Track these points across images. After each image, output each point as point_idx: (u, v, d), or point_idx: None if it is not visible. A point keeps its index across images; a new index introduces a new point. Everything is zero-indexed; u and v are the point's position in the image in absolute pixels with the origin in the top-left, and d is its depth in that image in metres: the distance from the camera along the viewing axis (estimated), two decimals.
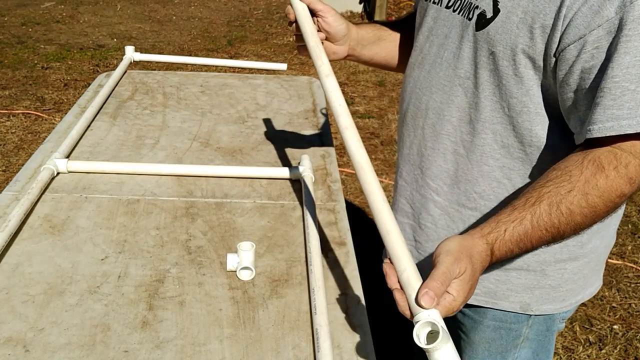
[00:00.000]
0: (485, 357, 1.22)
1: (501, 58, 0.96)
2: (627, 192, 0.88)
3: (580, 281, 1.15)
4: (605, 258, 1.20)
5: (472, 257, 0.83)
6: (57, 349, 1.00)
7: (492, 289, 1.14)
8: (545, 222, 0.87)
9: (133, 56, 2.23)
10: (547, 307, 1.14)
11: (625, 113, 0.84)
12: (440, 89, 1.09)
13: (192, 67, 4.62)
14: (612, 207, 0.89)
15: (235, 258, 1.19)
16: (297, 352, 1.01)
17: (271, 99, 2.04)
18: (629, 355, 2.29)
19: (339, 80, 4.83)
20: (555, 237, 0.89)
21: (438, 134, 1.10)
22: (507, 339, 1.18)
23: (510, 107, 1.00)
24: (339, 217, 1.41)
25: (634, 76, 0.83)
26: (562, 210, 0.87)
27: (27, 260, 1.21)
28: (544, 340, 1.20)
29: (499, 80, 0.99)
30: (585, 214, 0.87)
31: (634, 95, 0.83)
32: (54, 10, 6.62)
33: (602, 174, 0.86)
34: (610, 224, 1.14)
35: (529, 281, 1.11)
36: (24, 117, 4.06)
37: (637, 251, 2.89)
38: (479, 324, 1.19)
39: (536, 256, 1.09)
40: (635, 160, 0.86)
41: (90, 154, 1.62)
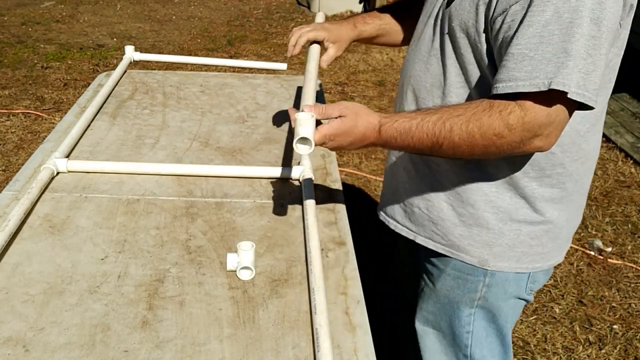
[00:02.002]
0: (445, 303, 1.36)
1: (458, 31, 1.14)
2: (505, 135, 1.03)
3: (538, 247, 1.26)
4: (567, 235, 1.32)
5: (359, 115, 1.09)
6: (57, 348, 1.00)
7: (455, 242, 1.29)
8: (429, 127, 1.07)
9: (133, 56, 2.23)
10: (502, 264, 1.27)
11: (522, 75, 1.00)
12: (421, 60, 1.26)
13: (192, 67, 4.61)
14: (490, 144, 1.05)
15: (235, 258, 1.19)
16: (297, 352, 1.01)
17: (271, 98, 2.03)
18: (629, 355, 2.29)
19: (340, 79, 4.83)
20: (434, 145, 1.08)
21: (417, 98, 1.28)
22: (464, 290, 1.32)
23: (468, 73, 1.16)
24: (339, 217, 1.41)
25: (534, 45, 0.99)
26: (446, 125, 1.06)
27: (27, 260, 1.21)
28: (501, 305, 1.32)
29: (458, 50, 1.16)
30: (462, 137, 1.05)
31: (531, 62, 0.99)
32: (53, 10, 6.62)
33: (488, 113, 1.04)
34: (569, 199, 1.25)
35: (488, 238, 1.25)
36: (23, 116, 4.05)
37: (637, 251, 2.90)
38: (442, 272, 1.33)
39: (495, 215, 1.23)
40: (520, 112, 1.02)
41: (90, 153, 1.62)
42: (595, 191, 3.40)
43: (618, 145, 3.88)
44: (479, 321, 1.35)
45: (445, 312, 1.37)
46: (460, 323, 1.36)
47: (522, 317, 2.44)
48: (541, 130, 1.03)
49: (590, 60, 0.98)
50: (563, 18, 0.97)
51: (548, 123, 1.02)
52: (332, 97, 4.52)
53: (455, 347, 1.39)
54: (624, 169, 3.66)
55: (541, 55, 0.99)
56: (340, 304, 1.13)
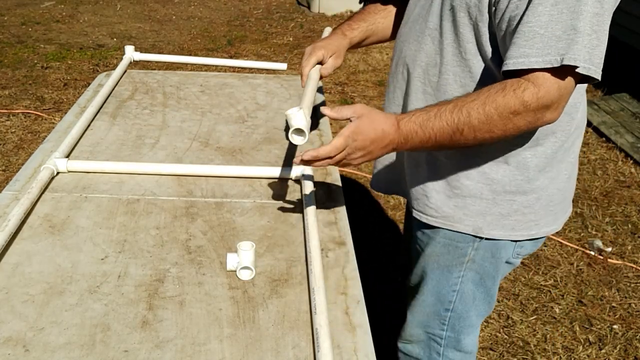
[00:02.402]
0: (434, 268, 1.42)
1: (459, 10, 1.17)
2: (521, 112, 1.07)
3: (531, 215, 1.32)
4: (560, 201, 1.37)
5: (373, 112, 1.13)
6: (57, 348, 1.00)
7: (450, 213, 1.33)
8: (447, 116, 1.11)
9: (133, 56, 2.23)
10: (496, 232, 1.32)
11: (534, 52, 1.04)
12: (415, 39, 1.29)
13: (192, 67, 4.61)
14: (508, 122, 1.09)
15: (235, 258, 1.19)
16: (297, 352, 1.01)
17: (271, 98, 2.03)
18: (629, 355, 2.29)
19: (340, 79, 4.83)
20: (455, 132, 1.11)
21: (411, 76, 1.31)
22: (453, 255, 1.38)
23: (467, 52, 1.20)
24: (339, 217, 1.41)
25: (544, 23, 1.03)
26: (463, 111, 1.10)
27: (27, 259, 1.21)
28: (489, 267, 1.38)
29: (457, 29, 1.19)
30: (481, 120, 1.09)
31: (542, 39, 1.04)
32: (53, 10, 6.62)
33: (502, 93, 1.08)
34: (559, 168, 1.30)
35: (481, 208, 1.30)
36: (23, 116, 4.05)
37: (637, 251, 2.90)
38: (432, 240, 1.39)
39: (488, 186, 1.28)
40: (534, 88, 1.06)
41: (90, 153, 1.62)
42: (595, 191, 3.40)
43: (618, 145, 3.88)
44: (468, 284, 1.41)
45: (435, 275, 1.43)
46: (447, 283, 1.42)
47: (522, 317, 2.44)
48: (552, 103, 1.08)
49: (595, 36, 1.03)
50: None
51: (559, 96, 1.08)
52: (332, 97, 4.52)
53: (437, 304, 1.46)
54: (624, 169, 3.66)
55: (551, 33, 1.03)
56: (340, 304, 1.13)
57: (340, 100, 4.48)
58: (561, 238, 2.95)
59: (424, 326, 1.53)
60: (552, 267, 2.76)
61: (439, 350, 1.54)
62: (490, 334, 2.37)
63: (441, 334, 1.51)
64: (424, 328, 1.54)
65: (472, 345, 1.55)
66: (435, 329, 1.52)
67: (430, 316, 1.50)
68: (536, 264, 2.77)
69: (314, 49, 1.49)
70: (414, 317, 1.55)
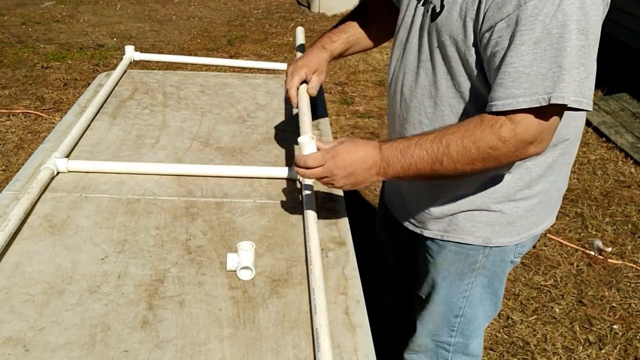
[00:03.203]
0: (445, 277, 1.43)
1: (447, 45, 1.18)
2: (500, 147, 1.09)
3: (533, 217, 1.36)
4: (557, 198, 1.42)
5: (356, 140, 1.17)
6: (57, 348, 1.00)
7: (459, 225, 1.35)
8: (427, 145, 1.13)
9: (133, 56, 2.23)
10: (504, 240, 1.36)
11: (521, 92, 1.05)
12: (411, 70, 1.30)
13: (192, 67, 4.61)
14: (486, 157, 1.10)
15: (235, 258, 1.19)
16: (297, 352, 1.01)
17: (271, 98, 2.03)
18: (629, 355, 2.29)
19: (340, 79, 4.83)
20: (435, 161, 1.12)
21: (408, 107, 1.32)
22: (464, 263, 1.39)
23: (460, 85, 1.21)
24: (339, 217, 1.41)
25: (528, 62, 1.04)
26: (443, 142, 1.12)
27: (27, 259, 1.21)
28: (498, 270, 1.42)
29: (449, 63, 1.20)
30: (459, 152, 1.11)
31: (528, 78, 1.04)
32: (53, 10, 6.62)
33: (480, 128, 1.10)
34: (560, 171, 1.34)
35: (489, 219, 1.33)
36: (23, 116, 4.05)
37: (637, 251, 2.90)
38: (443, 249, 1.41)
39: (494, 198, 1.30)
40: (511, 125, 1.07)
41: (90, 153, 1.62)
42: (595, 191, 3.40)
43: (618, 145, 3.88)
44: (477, 287, 1.43)
45: (445, 283, 1.44)
46: (458, 290, 1.44)
47: (522, 317, 2.44)
48: (534, 139, 1.09)
49: (583, 68, 1.04)
50: (552, 34, 1.02)
51: (540, 131, 1.08)
52: (332, 97, 4.52)
53: (447, 312, 1.48)
54: (624, 169, 3.66)
55: (537, 72, 1.03)
56: (340, 304, 1.13)
57: (340, 100, 4.48)
58: (561, 238, 2.95)
59: (433, 335, 1.54)
60: (552, 267, 2.76)
61: (447, 357, 1.54)
62: (490, 334, 2.37)
63: (450, 341, 1.52)
64: (433, 337, 1.54)
65: (478, 349, 1.56)
66: (443, 337, 1.52)
67: (440, 324, 1.51)
68: (536, 264, 2.77)
69: (296, 69, 1.49)
70: (424, 327, 1.54)
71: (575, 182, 3.49)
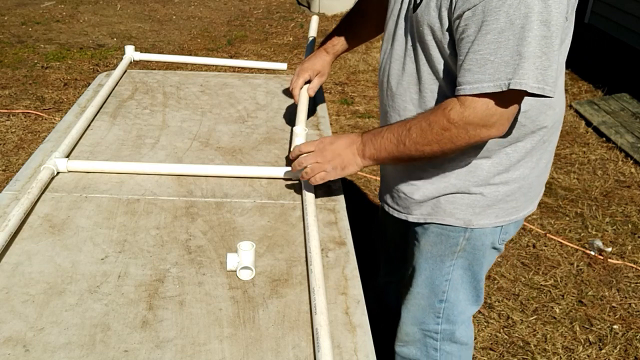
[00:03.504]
0: (427, 258, 1.51)
1: (426, 34, 1.25)
2: (450, 128, 1.19)
3: (513, 203, 1.42)
4: (538, 185, 1.47)
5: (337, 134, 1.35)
6: (57, 348, 1.00)
7: (442, 208, 1.42)
8: (395, 129, 1.27)
9: (133, 55, 2.23)
10: (484, 222, 1.42)
11: (486, 77, 1.13)
12: (398, 60, 1.38)
13: (192, 67, 4.61)
14: (440, 137, 1.21)
15: (235, 258, 1.19)
16: (297, 352, 1.01)
17: (271, 98, 2.04)
18: (629, 355, 2.29)
19: (340, 79, 4.83)
20: (399, 143, 1.26)
21: (394, 94, 1.40)
22: (446, 245, 1.46)
23: (438, 71, 1.28)
24: (339, 217, 1.41)
25: (493, 50, 1.11)
26: (407, 126, 1.25)
27: (27, 259, 1.21)
28: (478, 254, 1.48)
29: (428, 50, 1.27)
30: (418, 134, 1.23)
31: (493, 65, 1.12)
32: (54, 10, 6.62)
33: (434, 112, 1.22)
34: (539, 158, 1.40)
35: (470, 201, 1.40)
36: (23, 116, 4.05)
37: (637, 251, 2.90)
38: (426, 232, 1.48)
39: (474, 181, 1.37)
40: (460, 108, 1.17)
41: (90, 153, 1.62)
42: (595, 191, 3.40)
43: (618, 145, 3.88)
44: (457, 270, 1.49)
45: (427, 265, 1.51)
46: (440, 273, 1.50)
47: (522, 317, 2.44)
48: (485, 122, 1.17)
49: (545, 57, 1.11)
50: (515, 24, 1.09)
51: (489, 115, 1.17)
52: (332, 97, 4.52)
53: (431, 296, 1.54)
54: (624, 169, 3.66)
55: (500, 59, 1.11)
56: (340, 304, 1.13)
57: (340, 100, 4.48)
58: (561, 238, 2.95)
59: (419, 323, 1.59)
60: (552, 267, 2.76)
61: (436, 346, 1.60)
62: (490, 334, 2.37)
63: (436, 329, 1.58)
64: (419, 325, 1.59)
65: (467, 337, 1.62)
66: (430, 324, 1.58)
67: (426, 310, 1.56)
68: (536, 264, 2.77)
69: (301, 70, 1.74)
70: (409, 312, 1.60)
71: (575, 182, 3.49)
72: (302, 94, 1.70)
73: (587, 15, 5.77)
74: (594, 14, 5.68)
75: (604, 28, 5.48)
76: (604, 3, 5.50)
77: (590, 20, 5.73)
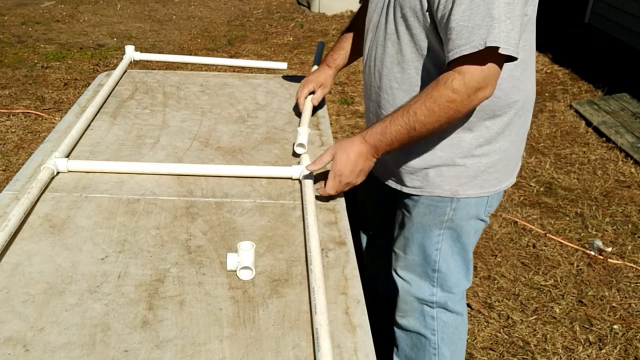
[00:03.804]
0: (418, 228, 1.61)
1: (409, 17, 1.38)
2: (455, 99, 1.29)
3: (495, 174, 1.54)
4: (517, 159, 1.60)
5: (340, 141, 1.44)
6: (57, 348, 1.00)
7: (431, 181, 1.53)
8: (399, 120, 1.36)
9: (133, 55, 2.23)
10: (469, 192, 1.53)
11: (463, 42, 1.26)
12: (380, 45, 1.51)
13: (192, 67, 4.61)
14: (448, 110, 1.31)
15: (235, 258, 1.19)
16: (297, 352, 1.01)
17: (271, 98, 2.04)
18: (629, 355, 2.29)
19: (340, 80, 4.83)
20: (410, 130, 1.35)
21: (381, 75, 1.52)
22: (434, 215, 1.57)
23: (422, 48, 1.41)
24: (339, 217, 1.41)
25: (467, 17, 1.25)
26: (410, 112, 1.34)
27: (27, 259, 1.21)
28: (465, 225, 1.59)
29: (411, 31, 1.40)
30: (425, 114, 1.32)
31: (467, 29, 1.25)
32: (54, 10, 6.62)
33: (436, 88, 1.31)
34: (517, 132, 1.52)
35: (456, 173, 1.51)
36: (23, 116, 4.05)
37: (637, 251, 2.90)
38: (416, 204, 1.59)
39: (458, 153, 1.49)
40: (459, 76, 1.28)
41: (90, 153, 1.62)
42: (595, 191, 3.40)
43: (618, 145, 3.88)
44: (446, 240, 1.60)
45: (419, 234, 1.61)
46: (430, 242, 1.60)
47: (522, 317, 2.45)
48: (480, 84, 1.29)
49: (509, 21, 1.24)
50: None
51: (483, 76, 1.28)
52: (332, 97, 4.52)
53: (425, 265, 1.64)
54: (624, 169, 3.66)
55: (474, 23, 1.24)
56: (340, 304, 1.13)
57: (340, 100, 4.48)
58: (561, 238, 2.95)
59: (416, 291, 1.69)
60: (552, 267, 2.76)
61: (433, 314, 1.70)
62: (490, 334, 2.37)
63: (432, 298, 1.68)
64: (416, 294, 1.69)
65: (461, 308, 1.73)
66: (425, 293, 1.68)
67: (422, 278, 1.66)
68: (536, 264, 2.77)
69: (306, 82, 1.88)
70: (406, 282, 1.70)
71: (575, 182, 3.49)
72: (306, 102, 1.84)
73: (587, 15, 5.77)
74: (594, 14, 5.68)
75: (604, 28, 5.49)
76: (604, 3, 5.50)
77: (590, 20, 5.73)
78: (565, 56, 5.51)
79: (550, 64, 5.41)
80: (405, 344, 1.79)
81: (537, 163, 3.70)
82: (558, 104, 4.55)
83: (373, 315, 1.28)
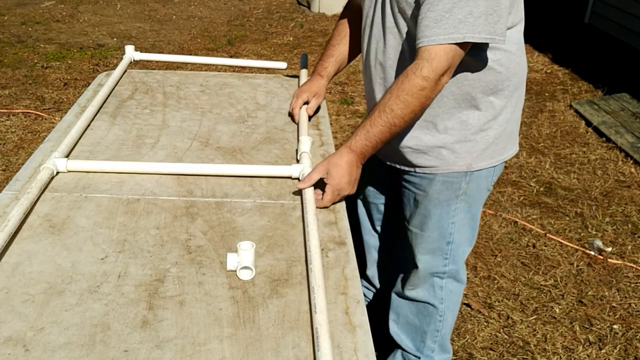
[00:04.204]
0: (436, 204, 1.67)
1: (406, 9, 1.44)
2: (427, 86, 1.36)
3: (501, 144, 1.63)
4: (516, 128, 1.69)
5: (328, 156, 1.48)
6: (57, 348, 1.00)
7: (445, 159, 1.60)
8: (378, 120, 1.41)
9: (133, 55, 2.23)
10: (481, 164, 1.62)
11: (442, 31, 1.33)
12: (380, 39, 1.55)
13: (192, 67, 4.61)
14: (420, 97, 1.38)
15: (235, 257, 1.19)
16: (297, 352, 1.01)
17: (271, 98, 2.03)
18: (629, 355, 2.29)
19: (340, 79, 4.83)
20: (391, 127, 1.41)
21: (384, 68, 1.57)
22: (451, 190, 1.64)
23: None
24: (339, 217, 1.41)
25: (448, 8, 1.32)
26: (386, 110, 1.40)
27: (27, 259, 1.21)
28: (476, 195, 1.68)
29: (410, 21, 1.45)
30: (401, 107, 1.39)
31: (448, 22, 1.32)
32: (54, 10, 6.62)
33: (406, 79, 1.38)
34: (516, 104, 1.61)
35: (467, 148, 1.59)
36: (23, 116, 4.05)
37: (637, 251, 2.90)
38: (432, 182, 1.65)
39: (469, 130, 1.57)
40: (428, 63, 1.35)
41: (90, 153, 1.62)
42: (595, 191, 3.40)
43: (618, 145, 3.88)
44: (460, 212, 1.68)
45: (437, 210, 1.67)
46: (447, 216, 1.68)
47: (522, 317, 2.44)
48: (446, 67, 1.36)
49: (495, 14, 1.33)
50: None
51: (448, 60, 1.36)
52: (332, 97, 4.52)
53: (441, 239, 1.71)
54: (624, 169, 3.66)
55: (455, 17, 1.31)
56: (340, 304, 1.13)
57: (340, 100, 4.48)
58: (561, 238, 2.95)
59: (430, 266, 1.75)
60: (552, 267, 2.76)
61: (441, 284, 1.78)
62: (490, 334, 2.37)
63: (444, 270, 1.75)
64: (430, 269, 1.75)
65: (464, 277, 1.83)
66: (439, 266, 1.75)
67: (436, 253, 1.73)
68: (536, 264, 2.77)
69: (300, 92, 1.87)
70: (421, 259, 1.75)
71: (575, 182, 3.49)
72: (302, 112, 1.84)
73: (587, 15, 5.77)
74: (594, 14, 5.68)
75: (604, 28, 5.48)
76: (604, 3, 5.50)
77: (590, 20, 5.73)
78: (565, 56, 5.51)
79: (550, 64, 5.41)
80: (409, 311, 1.85)
81: (537, 163, 3.70)
82: (558, 104, 4.55)
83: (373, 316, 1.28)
